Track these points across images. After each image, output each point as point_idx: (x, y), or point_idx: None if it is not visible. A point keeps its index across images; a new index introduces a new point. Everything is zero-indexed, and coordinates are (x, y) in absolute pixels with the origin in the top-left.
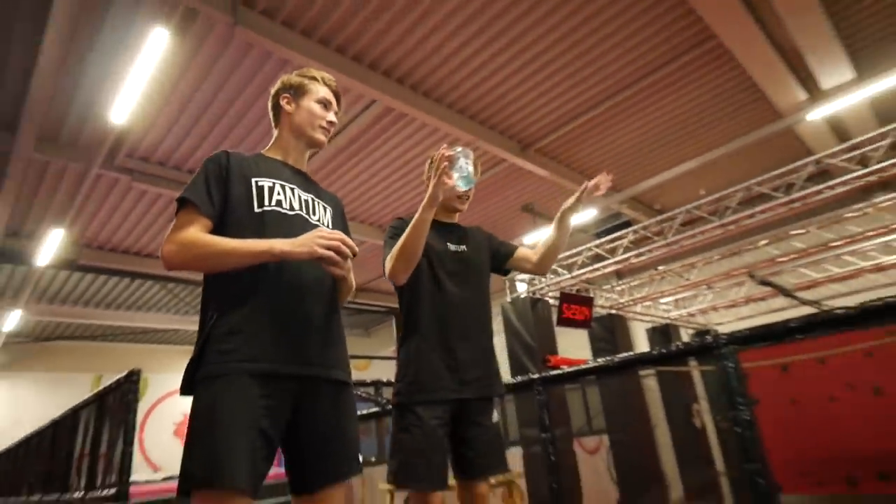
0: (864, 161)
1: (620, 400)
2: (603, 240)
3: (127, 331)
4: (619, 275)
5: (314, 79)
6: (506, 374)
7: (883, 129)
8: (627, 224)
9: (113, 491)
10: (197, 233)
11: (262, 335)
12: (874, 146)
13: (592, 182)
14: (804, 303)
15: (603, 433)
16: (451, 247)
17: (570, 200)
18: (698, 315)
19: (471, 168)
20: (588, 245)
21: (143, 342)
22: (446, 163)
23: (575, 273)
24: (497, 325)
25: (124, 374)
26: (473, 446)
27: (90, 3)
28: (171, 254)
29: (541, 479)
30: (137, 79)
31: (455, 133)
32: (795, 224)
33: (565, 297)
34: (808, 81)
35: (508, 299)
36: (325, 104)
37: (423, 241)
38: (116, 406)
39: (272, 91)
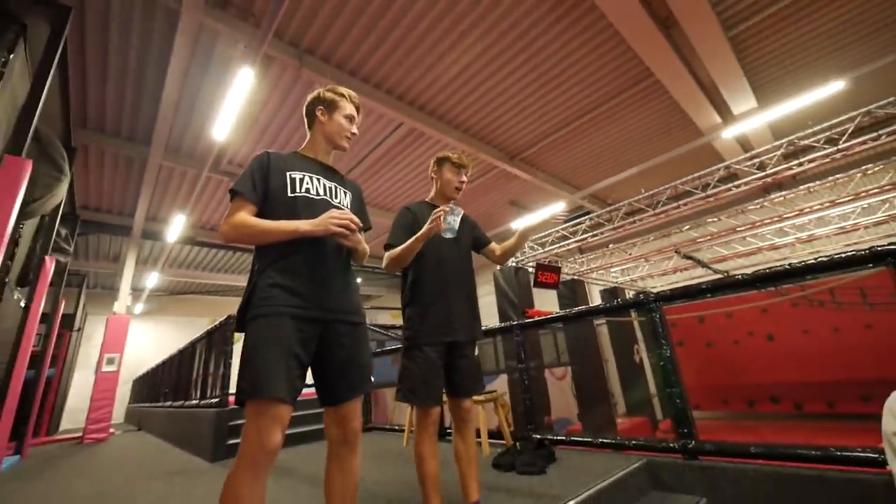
0: (762, 166)
1: (581, 341)
2: (566, 224)
3: (228, 287)
4: (581, 250)
5: (343, 96)
6: (495, 322)
7: (776, 143)
8: (587, 214)
9: (217, 399)
10: (245, 216)
11: (295, 288)
12: (770, 155)
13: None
14: (716, 272)
15: (568, 365)
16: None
17: (529, 226)
18: (639, 280)
19: (457, 224)
20: (556, 228)
21: (238, 295)
22: (442, 215)
23: (546, 249)
24: (490, 287)
25: (224, 318)
26: (461, 373)
27: (198, 52)
28: (226, 232)
29: (519, 396)
30: (232, 106)
31: (460, 146)
32: (710, 214)
33: (539, 266)
34: (722, 108)
35: (498, 268)
36: (350, 119)
37: (413, 256)
38: (219, 340)
39: (309, 99)
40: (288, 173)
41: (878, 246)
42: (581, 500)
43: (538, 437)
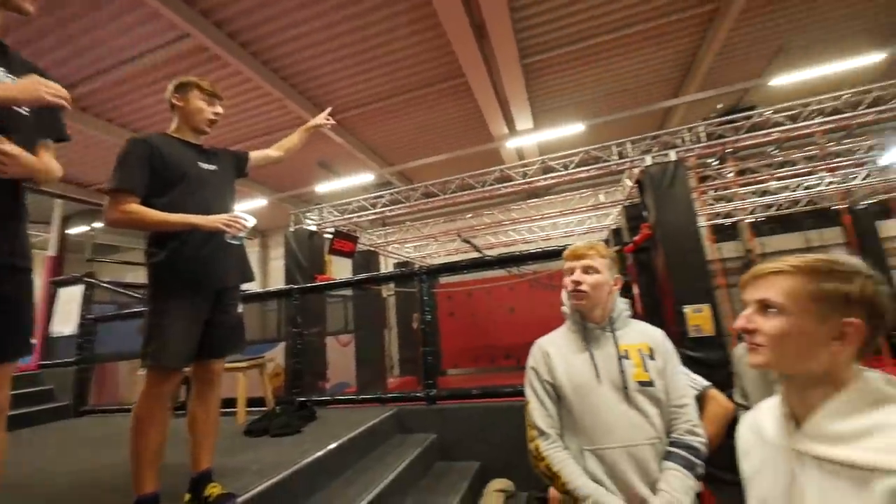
0: (525, 175)
1: (369, 310)
2: (369, 195)
3: None
4: (384, 223)
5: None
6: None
7: (536, 158)
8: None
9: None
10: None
11: None
12: (532, 167)
13: (323, 115)
14: (483, 255)
15: (353, 332)
16: (204, 166)
17: (312, 122)
18: (427, 258)
19: (244, 236)
20: (358, 198)
21: None
22: (241, 225)
23: (347, 216)
24: (280, 251)
25: None
26: (221, 329)
27: None
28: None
29: (290, 361)
30: None
31: (266, 88)
32: (486, 207)
33: (337, 234)
34: (510, 121)
35: (292, 229)
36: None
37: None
38: None
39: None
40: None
41: (560, 245)
42: (328, 451)
43: (300, 399)
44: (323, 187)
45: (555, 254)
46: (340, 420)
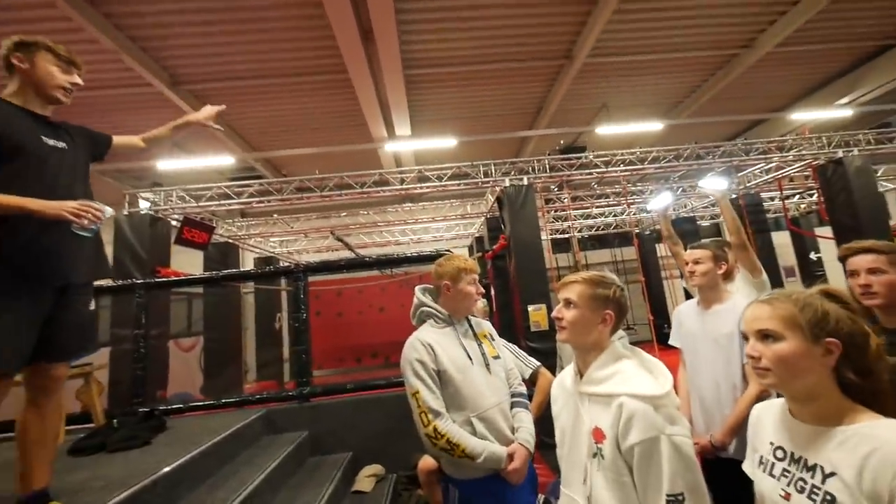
0: (403, 181)
1: (221, 309)
2: (233, 183)
3: None
4: (243, 214)
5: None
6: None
7: (414, 168)
8: (259, 178)
9: None
10: None
11: None
12: (410, 175)
13: (211, 111)
14: (357, 255)
15: (199, 335)
16: (49, 141)
17: (193, 117)
18: (294, 254)
19: (96, 228)
20: (219, 184)
21: None
22: (93, 215)
23: (203, 203)
24: (107, 236)
25: None
26: (65, 329)
27: None
28: None
29: (128, 368)
30: None
31: (101, 40)
32: (362, 207)
33: (187, 221)
34: (389, 126)
35: (126, 212)
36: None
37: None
38: None
39: None
40: None
41: (437, 250)
42: (189, 458)
43: (146, 409)
44: (166, 164)
45: (431, 258)
46: (199, 427)
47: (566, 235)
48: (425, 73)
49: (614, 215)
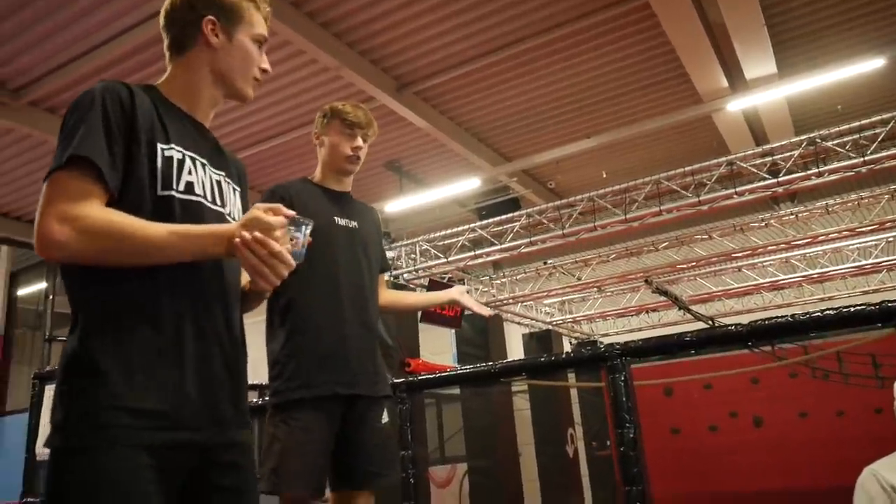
0: (774, 169)
1: (486, 420)
2: (490, 221)
3: None
4: (496, 265)
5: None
6: None
7: (795, 139)
8: (515, 202)
9: None
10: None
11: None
12: (786, 154)
13: (482, 311)
14: (697, 318)
15: (457, 461)
16: (340, 221)
17: (449, 298)
18: (583, 322)
19: (304, 245)
20: (472, 225)
21: None
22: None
23: (452, 258)
24: None
25: None
26: (361, 450)
27: None
28: (69, 240)
29: None
30: None
31: (321, 57)
32: (698, 227)
33: (434, 285)
34: (732, 68)
35: None
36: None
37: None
38: None
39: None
40: (159, 145)
41: (889, 301)
42: None
43: None
44: (394, 205)
45: (866, 318)
46: None
47: None
48: None
49: None
